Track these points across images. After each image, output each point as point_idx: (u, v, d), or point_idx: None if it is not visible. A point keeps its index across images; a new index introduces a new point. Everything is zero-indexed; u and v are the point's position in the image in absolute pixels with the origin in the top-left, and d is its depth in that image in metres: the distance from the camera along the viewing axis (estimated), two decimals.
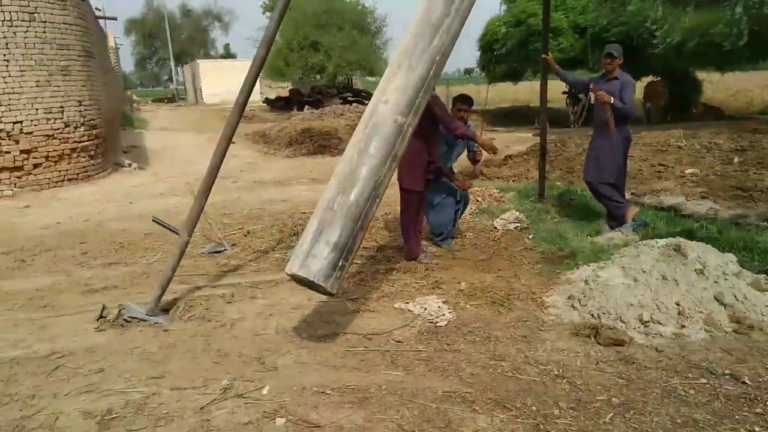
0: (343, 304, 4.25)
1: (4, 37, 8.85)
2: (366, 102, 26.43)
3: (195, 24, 53.23)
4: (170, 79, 59.75)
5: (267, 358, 3.44)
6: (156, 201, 8.57)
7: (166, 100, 45.29)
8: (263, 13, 45.24)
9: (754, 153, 9.27)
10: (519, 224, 6.00)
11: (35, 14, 9.16)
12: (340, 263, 3.20)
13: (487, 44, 19.71)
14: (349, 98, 28.54)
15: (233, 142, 17.54)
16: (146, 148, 15.35)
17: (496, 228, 6.01)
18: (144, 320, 3.93)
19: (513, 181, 8.66)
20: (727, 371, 3.11)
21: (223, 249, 5.72)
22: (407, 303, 4.19)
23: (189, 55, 51.34)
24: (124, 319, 3.91)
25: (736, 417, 2.73)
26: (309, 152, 14.00)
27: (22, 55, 9.05)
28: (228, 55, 55.92)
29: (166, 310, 4.16)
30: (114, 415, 2.84)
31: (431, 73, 3.38)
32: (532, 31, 16.71)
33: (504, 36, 18.51)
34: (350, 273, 4.89)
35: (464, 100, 5.19)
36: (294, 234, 6.06)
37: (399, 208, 5.39)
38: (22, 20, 9.02)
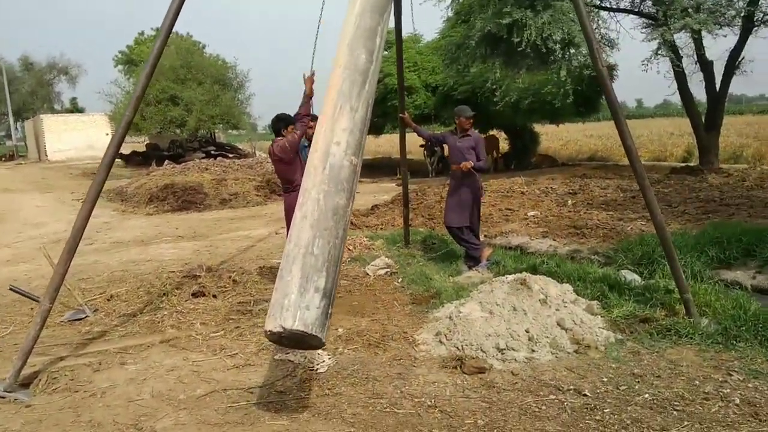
0: (221, 361, 4.25)
1: None
2: (230, 156, 26.15)
3: (38, 77, 49.42)
4: (8, 136, 54.46)
5: (144, 424, 3.36)
6: (1, 269, 7.82)
7: (4, 159, 41.20)
8: (115, 66, 43.43)
9: (584, 195, 10.65)
10: (389, 269, 6.37)
11: None
12: (329, 310, 3.04)
13: None
14: (212, 152, 28.02)
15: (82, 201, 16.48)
16: None
17: (368, 274, 6.32)
18: (2, 397, 3.62)
19: (380, 229, 9.11)
20: (571, 386, 3.59)
21: (84, 316, 5.41)
22: (287, 353, 4.28)
23: (30, 109, 47.37)
24: None
25: (581, 425, 3.17)
26: (172, 209, 13.53)
27: None
28: (75, 109, 52.34)
29: (26, 385, 3.86)
30: None
31: (368, 115, 3.56)
32: (389, 89, 17.85)
33: None
34: (228, 329, 4.89)
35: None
36: (164, 294, 5.89)
37: (275, 260, 5.51)
38: None
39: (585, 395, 3.48)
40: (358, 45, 3.65)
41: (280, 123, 5.42)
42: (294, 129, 5.28)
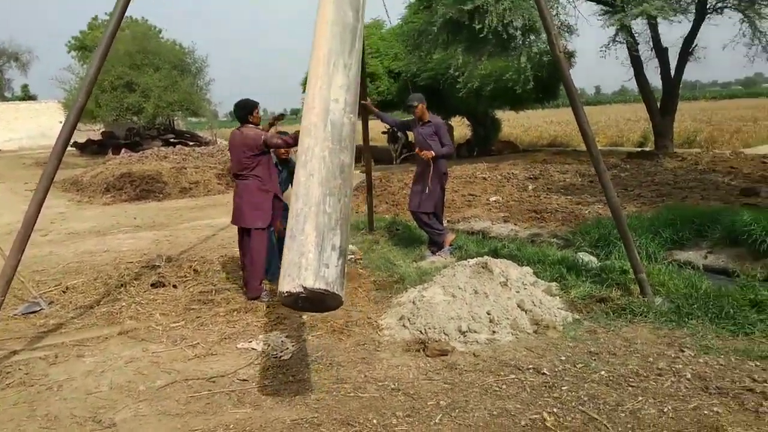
0: (182, 351, 4.18)
1: None
2: (190, 144, 25.61)
3: None
4: None
5: (103, 416, 3.29)
6: None
7: None
8: (68, 52, 41.81)
9: (544, 180, 10.85)
10: (353, 255, 6.37)
11: None
12: (344, 269, 2.96)
13: None
14: (171, 140, 27.39)
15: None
16: None
17: None
18: None
19: None
20: (530, 366, 3.67)
21: (39, 308, 5.25)
22: (250, 342, 4.26)
23: None
24: None
25: (540, 402, 3.25)
26: (130, 198, 13.20)
27: None
28: (27, 96, 50.29)
29: None
30: None
31: (359, 74, 3.36)
32: None
33: None
34: (189, 319, 4.82)
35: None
36: (122, 285, 5.76)
37: (238, 249, 5.45)
38: None
39: (543, 374, 3.56)
40: (344, 1, 3.45)
41: (242, 110, 5.25)
42: (279, 134, 5.25)
